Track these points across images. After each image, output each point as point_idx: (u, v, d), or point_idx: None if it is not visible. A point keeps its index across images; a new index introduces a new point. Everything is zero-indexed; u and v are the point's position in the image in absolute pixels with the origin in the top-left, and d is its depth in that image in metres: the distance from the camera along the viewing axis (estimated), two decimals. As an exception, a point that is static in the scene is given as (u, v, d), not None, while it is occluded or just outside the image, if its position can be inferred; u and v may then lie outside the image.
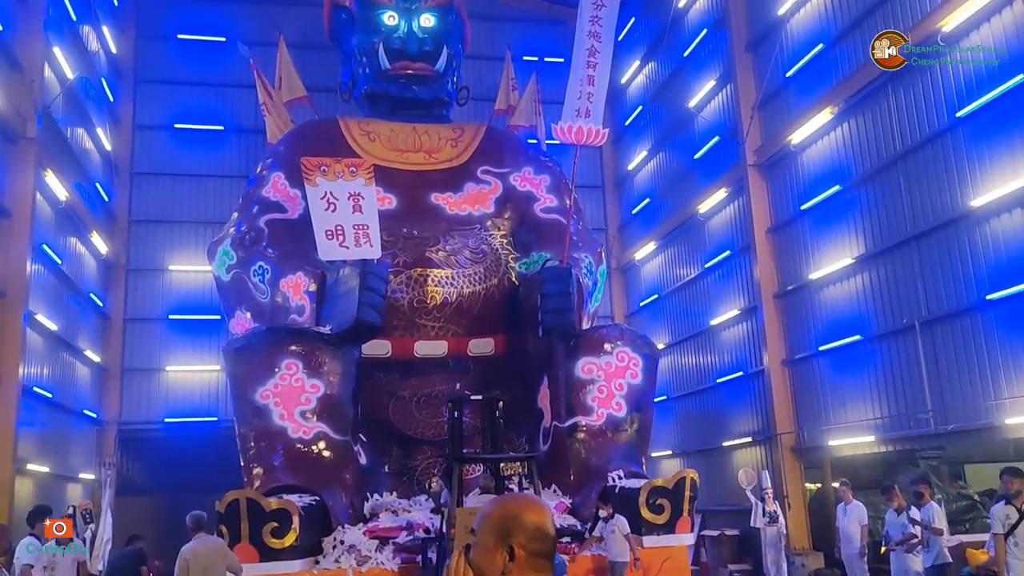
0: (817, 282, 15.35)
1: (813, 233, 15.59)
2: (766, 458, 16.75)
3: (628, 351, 14.74)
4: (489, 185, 18.33)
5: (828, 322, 15.06)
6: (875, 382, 13.73)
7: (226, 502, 11.63)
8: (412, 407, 15.86)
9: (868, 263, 14.01)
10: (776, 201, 16.93)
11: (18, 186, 14.93)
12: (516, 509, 2.07)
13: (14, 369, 14.34)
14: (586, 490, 13.79)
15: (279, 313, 15.44)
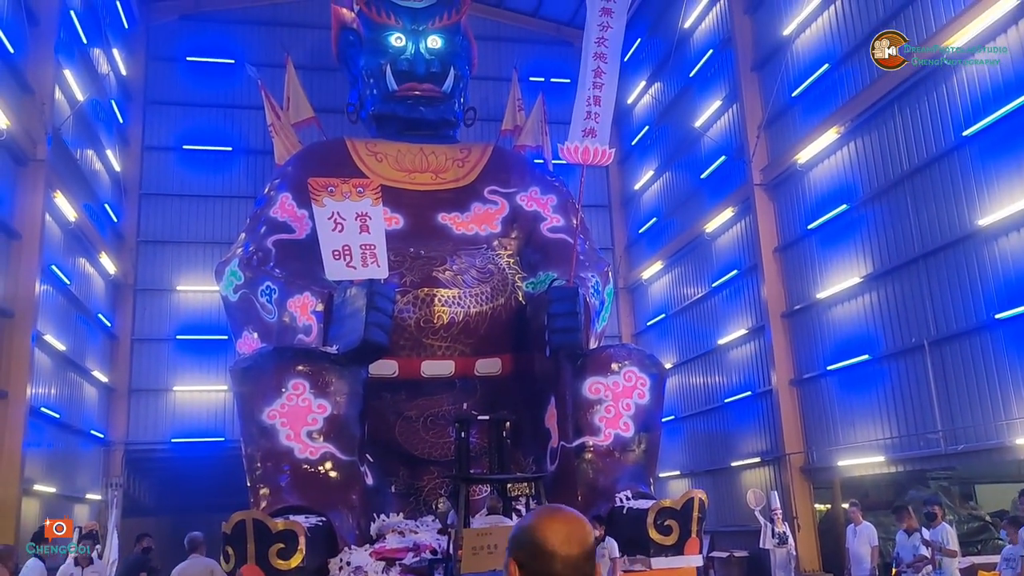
0: (825, 301, 15.30)
1: (820, 252, 15.56)
2: (775, 478, 16.63)
3: (636, 371, 14.67)
4: (496, 205, 18.35)
5: (836, 341, 14.99)
6: (884, 402, 13.65)
7: (232, 523, 11.58)
8: (419, 427, 15.81)
9: (876, 282, 13.96)
10: (783, 220, 16.92)
11: (27, 208, 15.02)
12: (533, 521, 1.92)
13: (22, 389, 14.37)
14: (593, 510, 13.66)
15: (286, 333, 15.44)
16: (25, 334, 14.63)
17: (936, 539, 9.75)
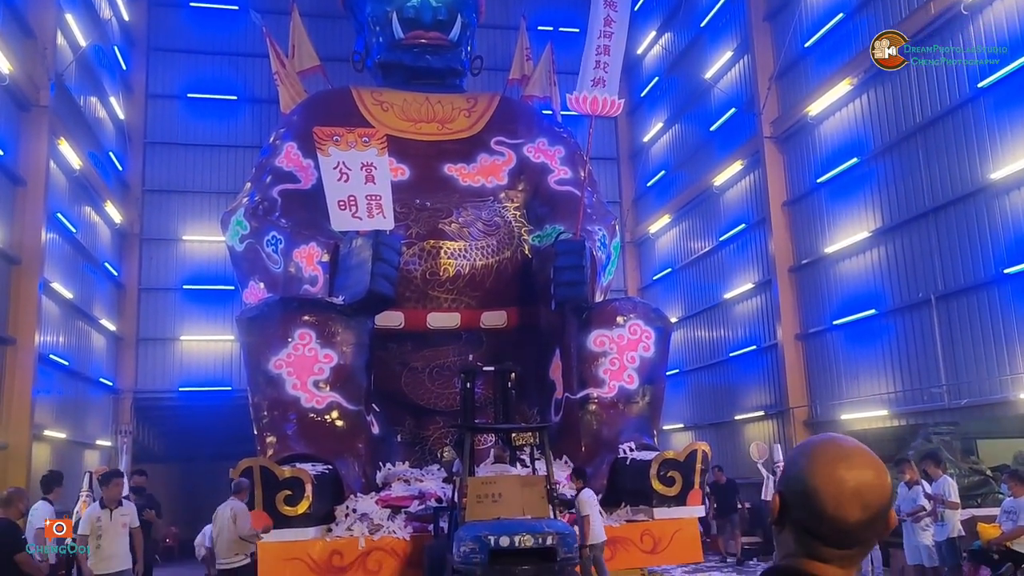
0: (832, 256, 15.22)
1: (829, 206, 15.43)
2: (778, 432, 16.74)
3: (641, 324, 14.68)
4: (503, 156, 18.20)
5: (843, 296, 14.95)
6: (889, 356, 13.65)
7: (240, 470, 11.73)
8: (425, 378, 15.90)
9: (884, 237, 13.86)
10: (792, 174, 16.76)
11: (32, 154, 14.95)
12: (811, 460, 1.45)
13: (30, 336, 14.46)
14: (597, 461, 13.79)
15: (292, 283, 15.46)
16: (32, 281, 14.68)
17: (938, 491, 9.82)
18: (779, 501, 1.49)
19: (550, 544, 9.25)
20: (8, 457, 13.68)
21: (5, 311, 14.20)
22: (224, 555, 10.06)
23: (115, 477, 7.87)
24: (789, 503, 1.46)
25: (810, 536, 1.42)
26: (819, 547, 1.42)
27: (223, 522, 10.12)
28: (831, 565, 1.43)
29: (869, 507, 1.40)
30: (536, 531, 9.30)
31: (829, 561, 1.43)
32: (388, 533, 12.05)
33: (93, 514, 7.38)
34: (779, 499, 1.49)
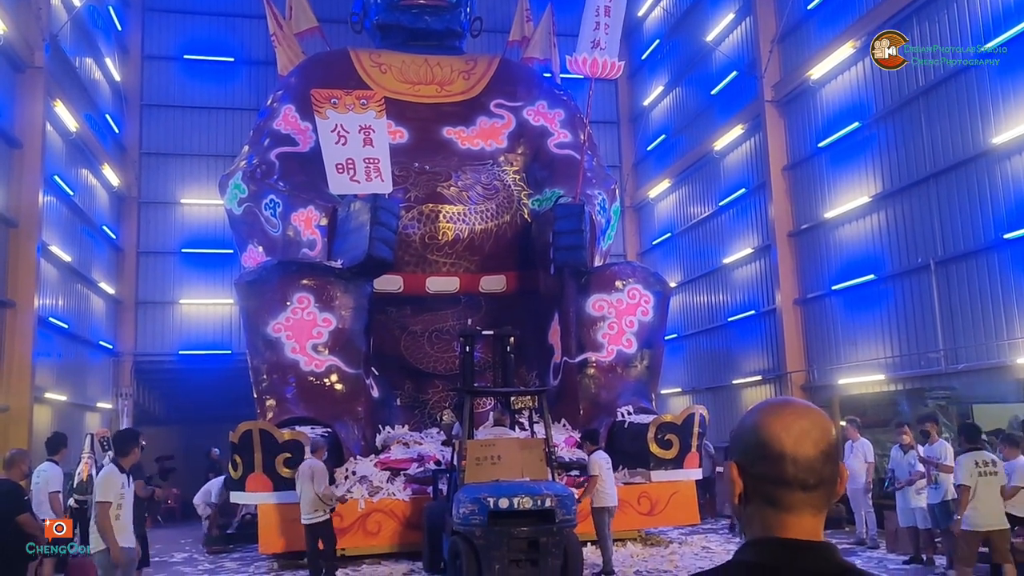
0: (832, 221, 15.18)
1: (830, 171, 15.35)
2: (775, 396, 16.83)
3: (640, 288, 14.73)
4: (502, 119, 18.11)
5: (842, 261, 14.93)
6: (887, 321, 13.68)
7: (239, 433, 11.83)
8: (424, 342, 15.97)
9: (885, 202, 13.81)
10: (793, 138, 16.64)
11: (27, 116, 14.82)
12: (757, 416, 1.51)
13: (29, 299, 14.46)
14: (595, 425, 13.91)
15: (291, 247, 15.46)
16: (31, 244, 14.65)
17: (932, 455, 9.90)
18: (736, 469, 1.51)
19: (548, 506, 9.36)
20: (9, 419, 13.75)
21: (3, 274, 14.18)
22: (306, 511, 10.25)
23: (135, 440, 6.90)
24: (746, 465, 1.49)
25: (775, 485, 1.45)
26: (786, 495, 1.44)
27: (304, 480, 10.32)
28: (803, 515, 1.45)
29: (819, 444, 1.45)
30: (535, 493, 9.40)
31: (799, 509, 1.45)
32: (387, 495, 12.20)
33: (116, 479, 6.48)
34: (736, 467, 1.51)
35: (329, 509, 10.40)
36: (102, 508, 6.41)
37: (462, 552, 9.26)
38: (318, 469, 10.48)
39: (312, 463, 10.59)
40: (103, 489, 6.46)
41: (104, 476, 6.55)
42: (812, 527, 1.47)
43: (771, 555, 1.44)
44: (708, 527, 14.71)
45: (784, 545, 1.44)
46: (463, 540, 9.32)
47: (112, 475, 6.52)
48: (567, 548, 9.35)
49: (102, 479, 6.52)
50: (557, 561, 9.24)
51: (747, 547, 1.48)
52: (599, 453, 11.09)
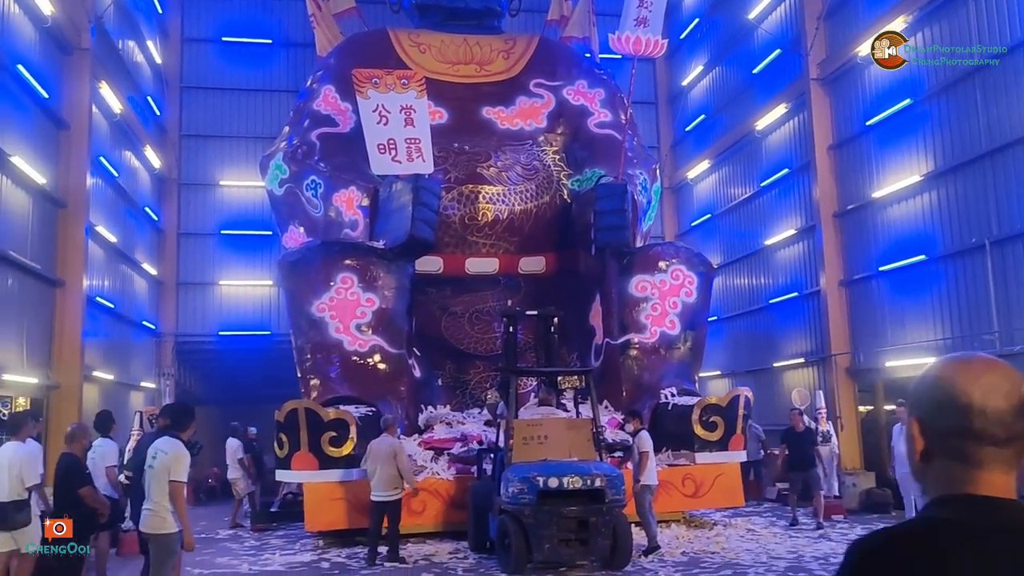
0: (880, 201, 14.87)
1: (878, 150, 15.03)
2: (818, 379, 16.61)
3: (683, 269, 14.58)
4: (542, 99, 17.96)
5: (890, 242, 14.64)
6: (938, 303, 13.40)
7: (285, 411, 11.93)
8: (464, 323, 15.97)
9: (937, 181, 13.50)
10: (839, 117, 16.32)
11: (75, 97, 14.97)
12: (940, 369, 1.43)
13: (78, 278, 14.65)
14: (638, 406, 13.83)
15: (332, 227, 15.51)
16: (79, 224, 14.82)
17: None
18: (918, 426, 1.43)
19: (598, 486, 9.33)
20: (60, 397, 13.98)
21: (53, 254, 14.37)
22: (381, 489, 10.36)
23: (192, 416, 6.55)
24: (929, 420, 1.42)
25: (962, 439, 1.37)
26: (976, 449, 1.37)
27: (382, 457, 10.39)
28: (994, 471, 1.37)
29: (1010, 397, 1.37)
30: (585, 473, 9.37)
31: (990, 464, 1.37)
32: (431, 474, 12.25)
33: (187, 457, 6.14)
34: (917, 424, 1.43)
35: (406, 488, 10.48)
36: (178, 488, 6.02)
37: (511, 531, 9.27)
38: (399, 446, 10.57)
39: (391, 441, 10.68)
40: (178, 467, 6.06)
41: (176, 454, 6.08)
42: (1004, 484, 1.38)
43: (962, 511, 1.36)
44: (751, 509, 14.59)
45: (975, 502, 1.37)
46: (512, 519, 9.32)
47: (184, 453, 6.16)
48: (616, 528, 9.33)
49: (174, 457, 6.07)
50: (606, 541, 9.22)
51: (934, 504, 1.40)
52: (644, 432, 11.04)
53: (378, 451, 10.56)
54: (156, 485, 6.03)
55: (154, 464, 6.08)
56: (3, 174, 12.69)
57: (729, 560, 9.94)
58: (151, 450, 6.20)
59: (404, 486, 10.54)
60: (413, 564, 10.15)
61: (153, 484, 6.05)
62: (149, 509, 6.07)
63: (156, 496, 6.03)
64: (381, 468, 10.44)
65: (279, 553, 11.27)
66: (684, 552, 10.50)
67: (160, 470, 6.02)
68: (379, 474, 10.45)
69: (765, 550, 10.63)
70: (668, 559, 10.10)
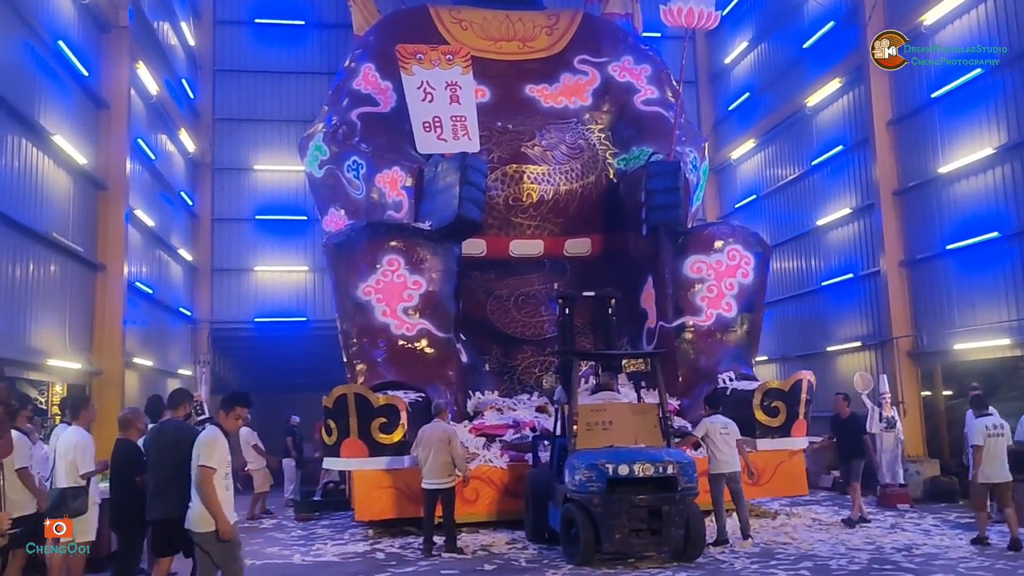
0: (947, 176, 14.21)
1: (945, 123, 14.35)
2: (876, 363, 16.01)
3: (740, 249, 14.03)
4: (586, 76, 17.44)
5: (958, 219, 13.98)
6: (1012, 282, 12.75)
7: (334, 397, 11.53)
8: (510, 306, 15.52)
9: (1011, 153, 12.82)
10: (900, 90, 15.63)
11: (113, 76, 14.64)
12: None
13: (120, 263, 14.38)
14: (695, 392, 13.33)
15: (375, 209, 15.09)
16: (119, 208, 14.52)
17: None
18: None
19: (670, 473, 8.86)
20: (103, 383, 13.70)
21: (94, 237, 14.07)
22: (434, 476, 10.01)
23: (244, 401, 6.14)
24: None
25: None
26: None
27: (435, 443, 10.04)
28: None
29: None
30: (656, 460, 8.90)
31: None
32: (484, 462, 11.82)
33: (223, 442, 5.76)
34: None
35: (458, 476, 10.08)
36: (206, 474, 5.51)
37: (578, 521, 8.83)
38: (453, 433, 10.19)
39: (444, 427, 10.30)
40: (208, 450, 5.57)
41: (212, 436, 5.65)
42: None
43: None
44: (808, 498, 14.04)
45: None
46: (579, 508, 8.87)
47: (220, 437, 5.69)
48: (689, 518, 8.86)
49: (209, 440, 5.63)
50: (679, 531, 8.76)
51: None
52: (712, 417, 10.58)
53: (431, 437, 10.16)
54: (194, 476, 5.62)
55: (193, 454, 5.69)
56: (45, 154, 12.39)
57: (805, 551, 9.45)
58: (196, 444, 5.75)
59: (456, 473, 10.11)
60: (472, 555, 9.74)
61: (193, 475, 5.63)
62: (193, 502, 5.62)
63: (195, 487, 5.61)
64: (434, 455, 10.04)
65: (330, 543, 10.92)
66: (756, 543, 10.01)
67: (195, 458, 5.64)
68: (431, 461, 10.05)
69: (840, 540, 10.12)
70: (740, 551, 9.62)
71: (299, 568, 9.35)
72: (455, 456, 10.00)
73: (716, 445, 10.29)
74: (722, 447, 10.26)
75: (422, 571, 8.88)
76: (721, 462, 10.26)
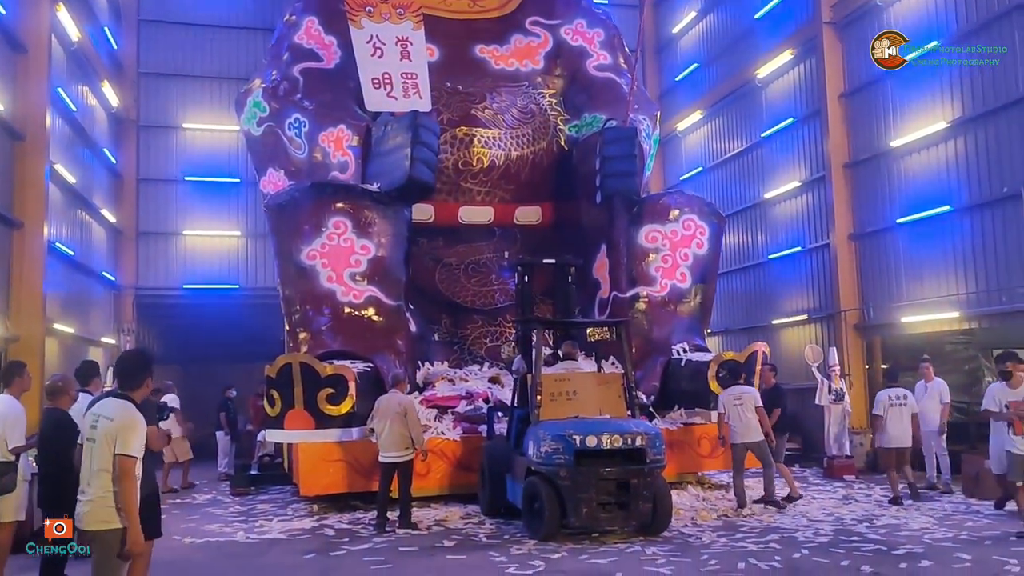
0: (899, 150, 14.23)
1: (898, 96, 14.35)
2: (822, 335, 16.10)
3: (695, 219, 13.81)
4: (538, 38, 16.91)
5: (909, 193, 14.03)
6: (962, 256, 12.85)
7: (278, 366, 10.90)
8: (460, 275, 15.00)
9: (964, 127, 12.87)
10: (852, 62, 15.59)
11: (32, 18, 13.44)
12: None
13: (39, 221, 13.31)
14: (648, 363, 13.12)
15: (318, 170, 14.33)
16: (39, 161, 13.40)
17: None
18: None
19: (639, 445, 8.56)
20: (21, 351, 12.59)
21: (11, 192, 12.96)
22: (391, 448, 9.49)
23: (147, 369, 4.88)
24: None
25: None
26: None
27: (391, 415, 9.54)
28: None
29: None
30: (624, 431, 8.58)
31: None
32: (437, 434, 11.35)
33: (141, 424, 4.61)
34: None
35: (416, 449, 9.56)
36: (127, 465, 4.39)
37: (542, 494, 8.46)
38: (409, 404, 9.64)
39: (400, 398, 9.77)
40: (127, 435, 4.41)
41: (127, 416, 4.48)
42: None
43: None
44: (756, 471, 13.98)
45: None
46: (544, 481, 8.51)
47: (135, 419, 4.51)
48: (656, 491, 8.60)
49: (125, 421, 4.46)
50: (647, 505, 8.49)
51: None
52: (729, 389, 10.74)
53: (387, 408, 9.66)
54: (99, 462, 4.45)
55: (95, 435, 4.51)
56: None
57: (768, 524, 9.31)
58: (88, 416, 4.67)
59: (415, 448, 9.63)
60: (428, 530, 9.31)
61: (95, 461, 4.47)
62: (90, 498, 4.47)
63: (99, 478, 4.44)
64: (390, 427, 9.54)
65: (274, 520, 10.34)
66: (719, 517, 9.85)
67: (104, 442, 4.44)
68: (388, 433, 9.56)
69: (800, 513, 10.04)
70: (703, 523, 9.43)
71: (245, 546, 8.76)
72: (412, 429, 9.51)
73: (730, 416, 10.50)
74: (736, 417, 10.45)
75: (379, 548, 8.40)
76: (736, 432, 10.44)
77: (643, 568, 7.20)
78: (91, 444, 4.53)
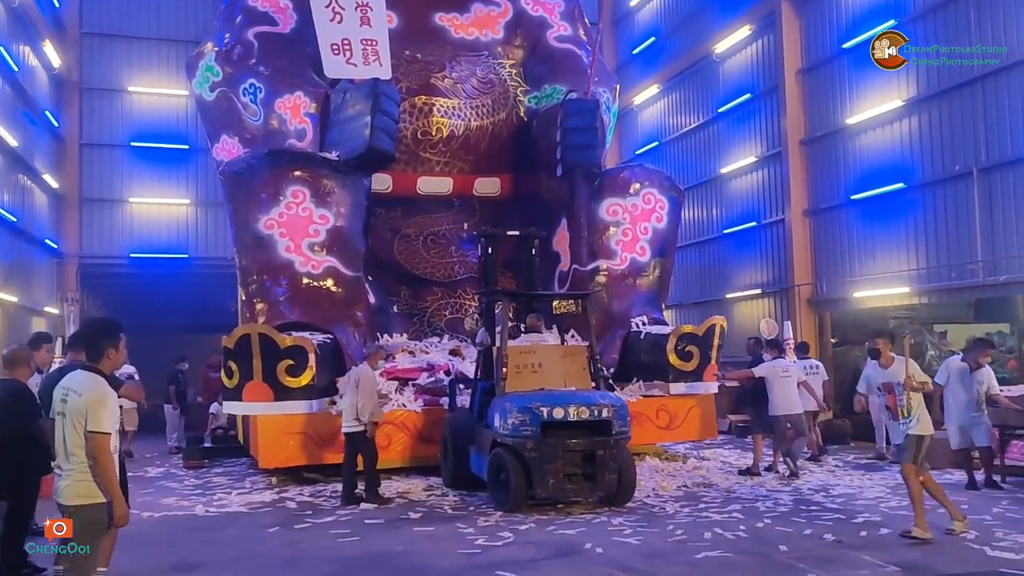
0: (854, 127, 14.46)
1: (854, 74, 14.55)
2: (775, 309, 16.38)
3: (655, 193, 13.86)
4: (499, 7, 16.71)
5: (864, 170, 14.29)
6: (914, 233, 13.16)
7: (236, 337, 10.67)
8: (419, 247, 14.87)
9: (920, 106, 13.12)
10: (811, 39, 15.74)
11: (-33, -30, 12.80)
12: None
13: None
14: (608, 336, 13.18)
15: (274, 137, 13.99)
16: (-24, 121, 12.83)
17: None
18: None
19: (605, 417, 8.61)
20: (-40, 320, 12.19)
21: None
22: (348, 419, 9.40)
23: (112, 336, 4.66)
24: None
25: None
26: None
27: (350, 387, 9.49)
28: None
29: None
30: (591, 403, 8.62)
31: None
32: (398, 406, 11.27)
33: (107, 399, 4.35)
34: None
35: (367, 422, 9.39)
36: (101, 443, 4.22)
37: (509, 466, 8.47)
38: (364, 376, 9.48)
39: (358, 369, 9.63)
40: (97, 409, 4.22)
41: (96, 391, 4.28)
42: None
43: None
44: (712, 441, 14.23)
45: None
46: (510, 453, 8.51)
47: (106, 393, 4.33)
48: (621, 463, 8.67)
49: (94, 396, 4.27)
50: (612, 476, 8.56)
51: None
52: (776, 360, 10.91)
53: (350, 379, 9.58)
54: (72, 438, 4.26)
55: (66, 410, 4.31)
56: None
57: (728, 495, 9.46)
58: (58, 390, 4.44)
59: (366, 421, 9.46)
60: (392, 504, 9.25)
61: (68, 438, 4.27)
62: (68, 472, 4.27)
63: (75, 454, 4.25)
64: (347, 397, 9.50)
65: (233, 493, 10.16)
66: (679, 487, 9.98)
67: (74, 417, 4.25)
68: (344, 403, 9.50)
69: (758, 483, 10.23)
70: (664, 494, 9.54)
71: (206, 520, 8.59)
72: (360, 399, 9.33)
73: (773, 388, 10.57)
74: (779, 390, 10.56)
75: (344, 520, 8.32)
76: (777, 405, 10.56)
77: (612, 539, 7.26)
78: (61, 419, 4.33)
